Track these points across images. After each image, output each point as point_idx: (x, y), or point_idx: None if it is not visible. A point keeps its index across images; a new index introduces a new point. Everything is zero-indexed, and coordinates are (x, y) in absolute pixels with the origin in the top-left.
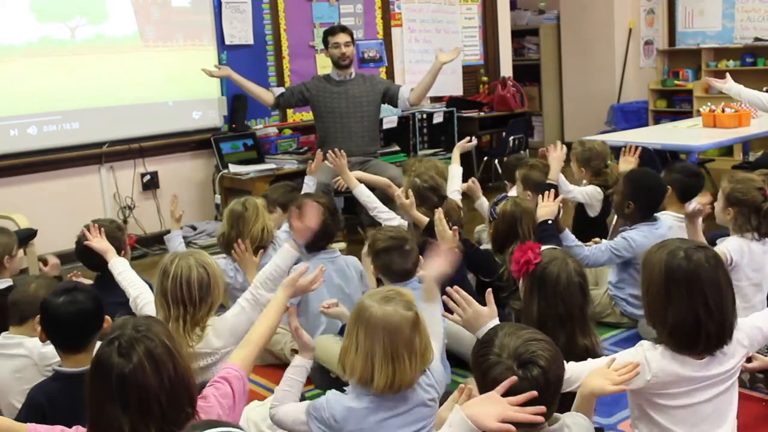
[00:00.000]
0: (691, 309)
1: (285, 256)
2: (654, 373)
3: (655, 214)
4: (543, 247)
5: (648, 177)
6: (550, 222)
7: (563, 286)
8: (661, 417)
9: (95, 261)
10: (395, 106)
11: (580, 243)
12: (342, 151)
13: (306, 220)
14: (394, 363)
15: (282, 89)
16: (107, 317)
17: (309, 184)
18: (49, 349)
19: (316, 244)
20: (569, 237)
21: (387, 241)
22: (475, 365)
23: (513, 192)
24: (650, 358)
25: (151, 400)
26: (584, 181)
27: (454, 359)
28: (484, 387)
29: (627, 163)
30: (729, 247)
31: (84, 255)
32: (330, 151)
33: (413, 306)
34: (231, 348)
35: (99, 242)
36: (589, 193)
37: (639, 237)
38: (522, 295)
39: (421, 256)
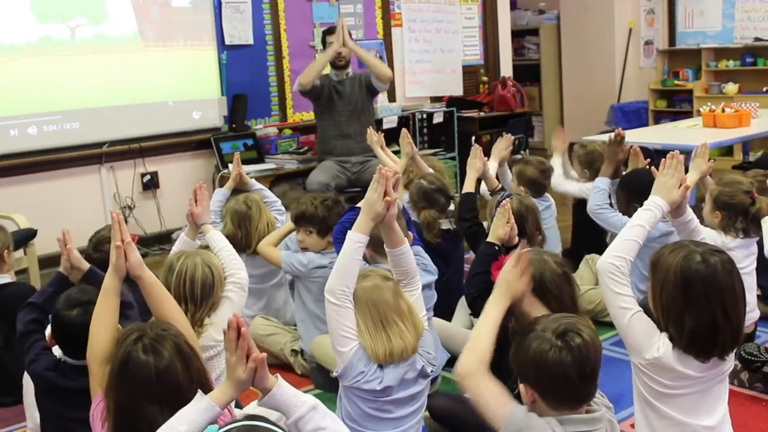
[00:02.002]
0: (709, 314)
1: (216, 238)
2: (660, 354)
3: None
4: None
5: (643, 177)
6: (497, 248)
7: (549, 281)
8: (660, 402)
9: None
10: (376, 92)
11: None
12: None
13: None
14: (385, 329)
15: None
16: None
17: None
18: None
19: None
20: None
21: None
22: (516, 351)
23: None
24: (663, 342)
25: (184, 395)
26: (583, 180)
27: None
28: (526, 368)
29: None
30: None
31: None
32: (371, 129)
33: (390, 277)
34: None
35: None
36: (587, 189)
37: None
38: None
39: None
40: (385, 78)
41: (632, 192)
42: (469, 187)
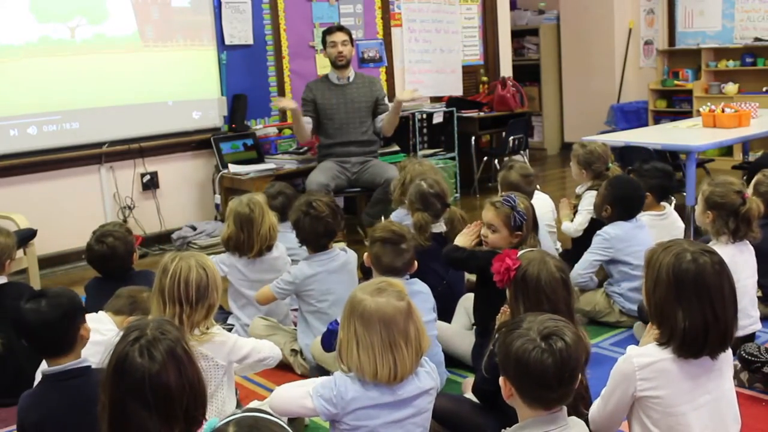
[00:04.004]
0: (699, 313)
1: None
2: (650, 359)
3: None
4: (520, 252)
5: (629, 186)
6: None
7: (545, 283)
8: (652, 423)
9: (104, 265)
10: (378, 112)
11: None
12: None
13: None
14: (393, 353)
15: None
16: (86, 326)
17: None
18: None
19: (317, 243)
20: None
21: (386, 233)
22: (501, 345)
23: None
24: (646, 350)
25: (174, 402)
26: (583, 185)
27: (449, 359)
28: (508, 363)
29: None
30: None
31: (94, 258)
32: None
33: (405, 295)
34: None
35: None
36: (590, 205)
37: (613, 229)
38: (509, 303)
39: (416, 261)
40: (386, 134)
41: (614, 196)
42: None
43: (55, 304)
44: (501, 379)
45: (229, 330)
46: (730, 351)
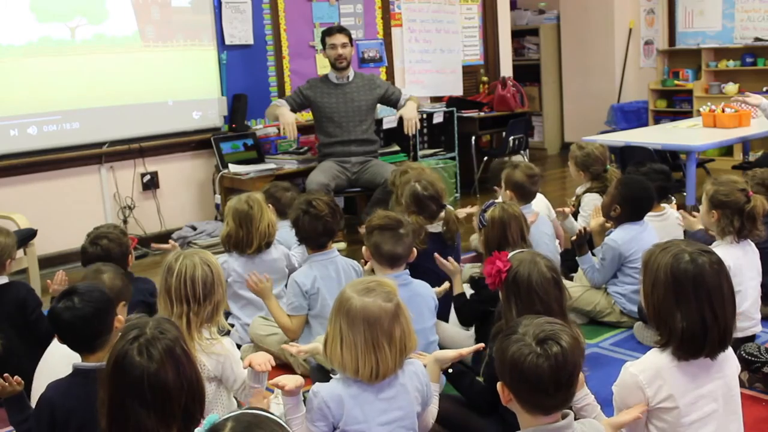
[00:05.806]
0: (698, 313)
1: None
2: (659, 363)
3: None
4: (511, 253)
5: (641, 187)
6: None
7: (537, 283)
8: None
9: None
10: (395, 108)
11: (593, 264)
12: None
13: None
14: (375, 353)
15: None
16: (119, 317)
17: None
18: None
19: (317, 242)
20: (586, 259)
21: (382, 220)
22: (497, 350)
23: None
24: (642, 378)
25: (173, 401)
26: (583, 186)
27: None
28: (504, 369)
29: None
30: None
31: (89, 261)
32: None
33: (394, 297)
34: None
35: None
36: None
37: (621, 233)
38: (502, 305)
39: (415, 249)
40: None
41: (625, 196)
42: (458, 289)
43: (88, 299)
44: (499, 385)
45: (231, 326)
46: (733, 354)
